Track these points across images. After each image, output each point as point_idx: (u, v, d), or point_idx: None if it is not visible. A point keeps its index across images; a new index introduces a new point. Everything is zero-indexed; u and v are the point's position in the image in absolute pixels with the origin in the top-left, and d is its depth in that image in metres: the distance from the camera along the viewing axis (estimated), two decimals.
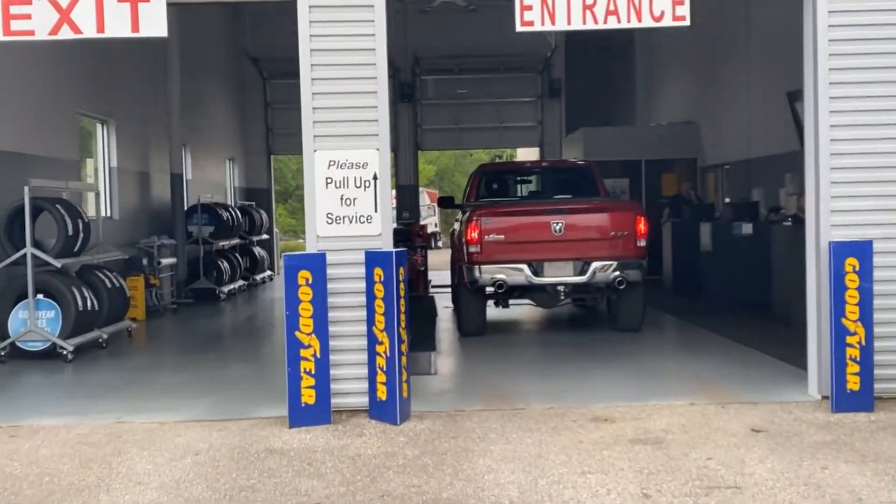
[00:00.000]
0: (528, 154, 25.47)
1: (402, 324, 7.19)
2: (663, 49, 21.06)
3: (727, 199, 17.25)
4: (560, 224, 10.54)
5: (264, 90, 22.75)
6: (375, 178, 7.41)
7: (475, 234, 10.56)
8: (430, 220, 35.51)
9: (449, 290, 15.23)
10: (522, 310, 13.01)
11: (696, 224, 14.64)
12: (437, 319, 13.16)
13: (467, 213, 10.96)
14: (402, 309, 7.19)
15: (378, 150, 7.41)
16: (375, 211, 7.42)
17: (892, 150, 7.35)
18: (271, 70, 22.00)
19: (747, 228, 13.54)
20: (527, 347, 10.43)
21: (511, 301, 11.50)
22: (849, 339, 7.07)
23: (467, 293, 11.03)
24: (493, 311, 11.67)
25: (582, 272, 10.57)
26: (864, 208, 7.36)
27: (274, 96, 22.68)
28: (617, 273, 10.51)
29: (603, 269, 10.53)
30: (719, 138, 17.31)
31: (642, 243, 10.61)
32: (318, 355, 7.13)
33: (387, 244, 7.42)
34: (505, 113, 22.59)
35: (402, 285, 7.20)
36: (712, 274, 13.68)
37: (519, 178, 12.91)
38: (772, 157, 14.94)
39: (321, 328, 7.12)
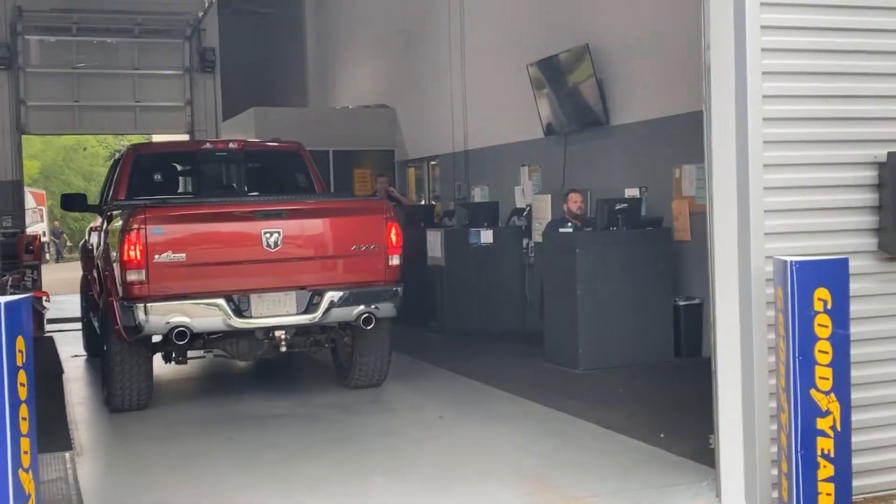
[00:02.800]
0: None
1: (25, 444, 3.45)
2: (342, 19, 18.22)
3: (433, 201, 14.81)
4: (277, 235, 7.13)
5: None
6: None
7: (136, 253, 6.81)
8: (38, 227, 29.78)
9: (77, 326, 11.10)
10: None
11: (415, 231, 11.83)
12: (65, 378, 9.08)
13: (119, 219, 7.15)
14: (25, 413, 3.48)
15: None
16: None
17: (858, 112, 4.90)
18: None
19: (487, 236, 11.01)
20: (232, 429, 6.85)
21: (192, 353, 7.87)
22: (820, 424, 4.49)
23: (122, 345, 7.22)
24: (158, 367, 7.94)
25: (310, 307, 7.25)
26: (818, 205, 4.85)
27: None
28: (362, 307, 7.32)
29: (342, 302, 7.28)
30: (424, 126, 14.78)
31: (395, 261, 7.53)
32: None
33: None
34: (143, 89, 18.29)
35: (22, 375, 3.45)
36: (447, 296, 10.94)
37: (195, 166, 9.20)
38: (499, 148, 12.62)
39: None
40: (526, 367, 8.90)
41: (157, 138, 24.01)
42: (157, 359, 7.78)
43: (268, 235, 7.11)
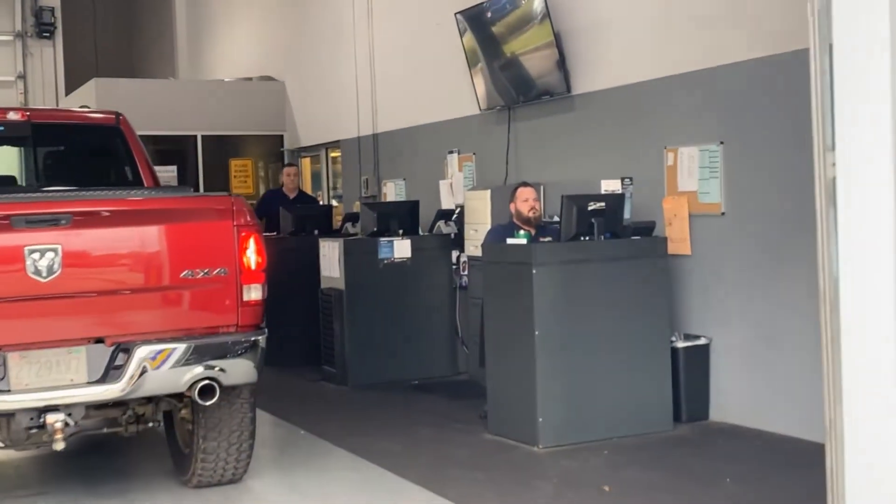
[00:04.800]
0: None
1: None
2: None
3: (334, 201, 12.58)
4: (52, 255, 4.74)
5: None
6: None
7: None
8: None
9: None
10: None
11: (305, 242, 9.59)
12: None
13: None
14: None
15: None
16: None
17: None
18: None
19: (402, 249, 8.79)
20: None
21: None
22: None
23: None
24: None
25: (111, 373, 4.89)
26: None
27: None
28: (199, 370, 4.98)
29: (163, 363, 4.91)
30: (322, 104, 12.52)
31: (255, 294, 5.21)
32: None
33: None
34: None
35: None
36: (348, 332, 8.67)
37: None
38: (419, 130, 10.44)
39: None
40: (462, 441, 6.65)
41: None
42: None
43: (36, 256, 4.70)
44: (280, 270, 9.77)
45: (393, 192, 10.85)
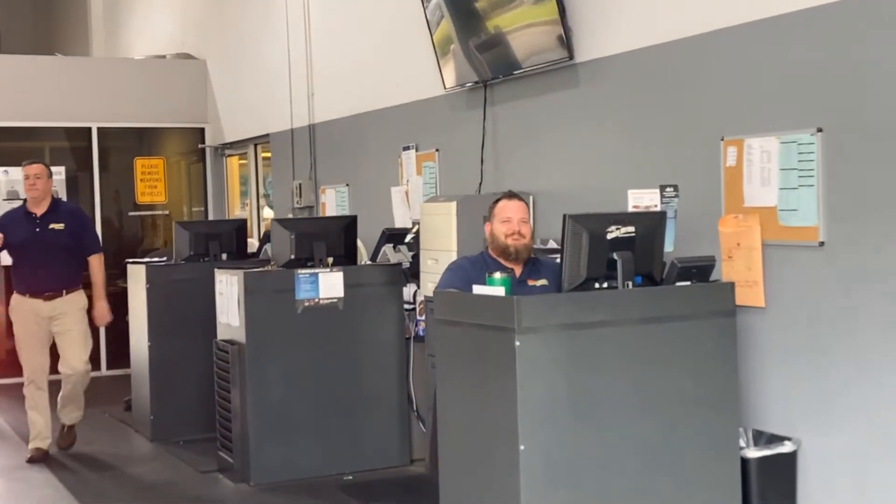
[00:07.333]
0: None
1: None
2: None
3: (268, 215, 10.30)
4: None
5: None
6: None
7: None
8: None
9: None
10: None
11: (208, 270, 7.18)
12: None
13: None
14: None
15: None
16: None
17: None
18: None
19: (330, 285, 6.41)
20: None
21: None
22: None
23: None
24: None
25: None
26: None
27: None
28: None
29: None
30: (250, 88, 10.19)
31: None
32: None
33: None
34: None
35: None
36: (253, 405, 6.24)
37: None
38: (366, 119, 8.14)
39: None
40: None
41: None
42: None
43: None
44: (172, 310, 7.41)
45: (333, 201, 8.50)
